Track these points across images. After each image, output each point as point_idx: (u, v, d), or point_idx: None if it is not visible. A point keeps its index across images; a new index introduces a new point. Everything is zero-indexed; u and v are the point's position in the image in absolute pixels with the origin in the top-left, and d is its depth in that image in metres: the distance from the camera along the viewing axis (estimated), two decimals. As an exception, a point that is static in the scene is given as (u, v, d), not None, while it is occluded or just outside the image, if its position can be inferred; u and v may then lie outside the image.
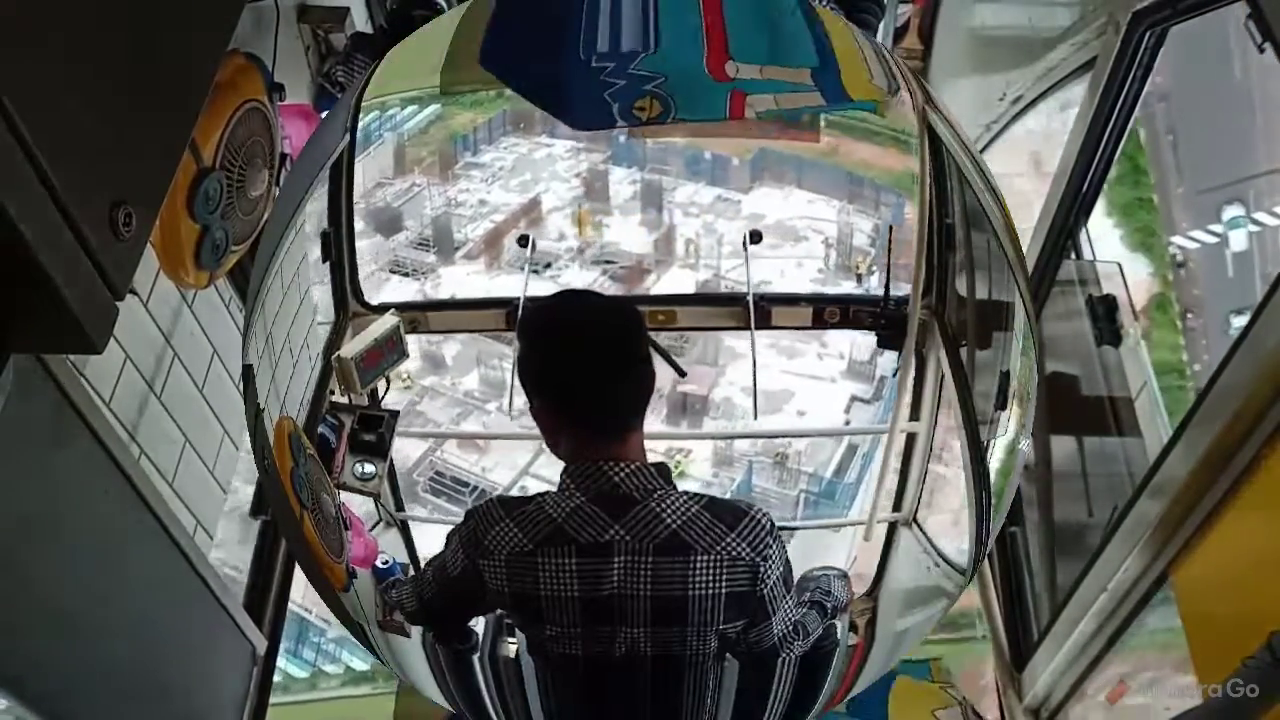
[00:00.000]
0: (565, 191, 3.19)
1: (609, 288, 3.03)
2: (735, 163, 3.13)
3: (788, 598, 1.61)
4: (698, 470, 2.90)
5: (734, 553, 1.49)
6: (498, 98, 2.79)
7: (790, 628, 1.66)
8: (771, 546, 1.51)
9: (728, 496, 2.53)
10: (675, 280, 3.02)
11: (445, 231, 3.13)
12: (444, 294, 3.07)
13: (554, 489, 1.52)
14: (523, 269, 2.81)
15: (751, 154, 3.12)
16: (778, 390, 2.95)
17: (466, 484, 2.87)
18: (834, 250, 2.50)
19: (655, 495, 1.48)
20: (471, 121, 3.07)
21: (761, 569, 1.51)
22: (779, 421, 2.95)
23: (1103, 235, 6.43)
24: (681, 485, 1.53)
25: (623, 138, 3.10)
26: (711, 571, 1.48)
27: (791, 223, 3.08)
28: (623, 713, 1.67)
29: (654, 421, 2.97)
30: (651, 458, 1.53)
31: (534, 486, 2.66)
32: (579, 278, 3.03)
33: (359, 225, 2.57)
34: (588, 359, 1.49)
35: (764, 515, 1.52)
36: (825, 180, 2.96)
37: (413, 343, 2.58)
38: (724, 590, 1.50)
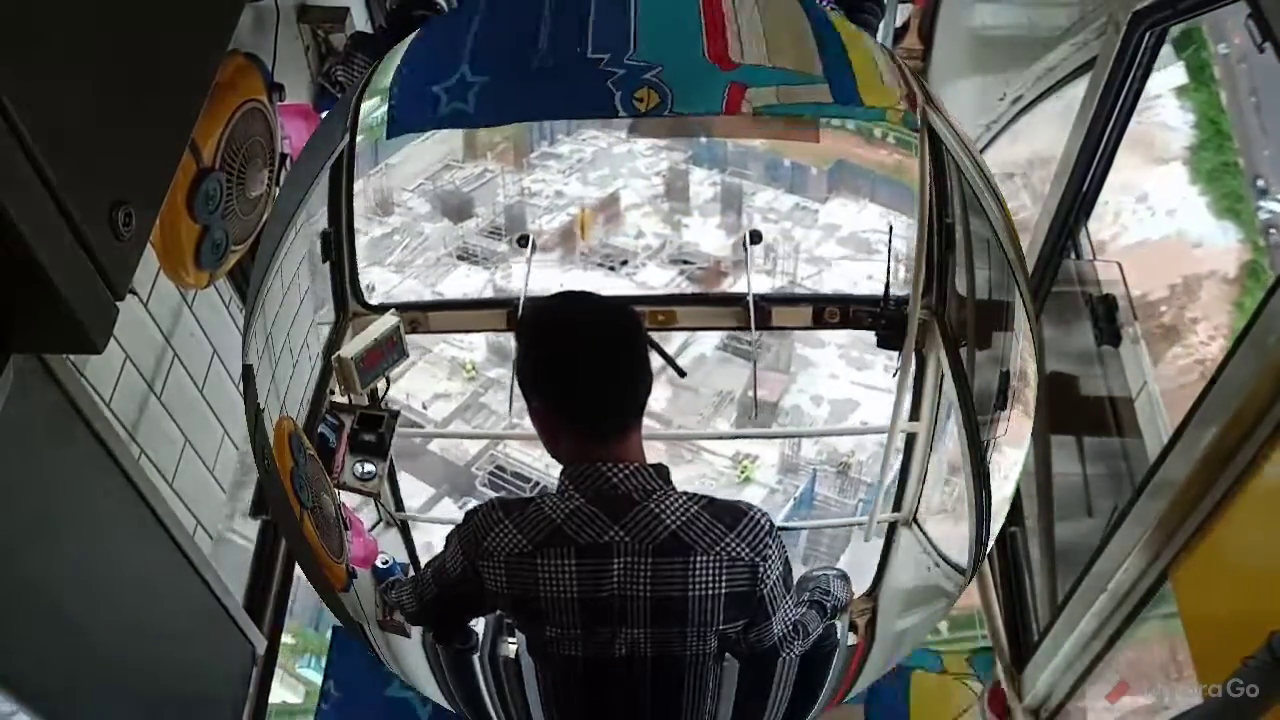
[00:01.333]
0: (645, 189, 3.18)
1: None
2: (814, 172, 3.13)
3: (787, 598, 1.61)
4: (763, 476, 2.90)
5: (733, 553, 1.48)
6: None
7: (790, 628, 1.66)
8: (771, 547, 1.51)
9: (795, 507, 2.55)
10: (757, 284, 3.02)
11: (519, 221, 3.07)
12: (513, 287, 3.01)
13: (553, 491, 1.52)
14: (604, 267, 2.76)
15: (830, 165, 3.11)
16: (843, 399, 2.99)
17: (528, 479, 2.86)
18: (904, 265, 2.51)
19: (654, 496, 1.48)
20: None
21: (761, 569, 1.50)
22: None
23: (1187, 203, 6.20)
24: (747, 491, 1.54)
25: (704, 138, 3.08)
26: (711, 572, 1.48)
27: (864, 235, 3.10)
28: (623, 714, 1.67)
29: (721, 424, 2.98)
30: (652, 457, 1.53)
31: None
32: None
33: (421, 208, 2.52)
34: (587, 359, 1.48)
35: (763, 515, 1.52)
36: (897, 195, 2.95)
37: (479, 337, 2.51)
38: (724, 591, 1.50)
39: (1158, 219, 6.42)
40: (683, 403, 2.94)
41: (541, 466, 2.87)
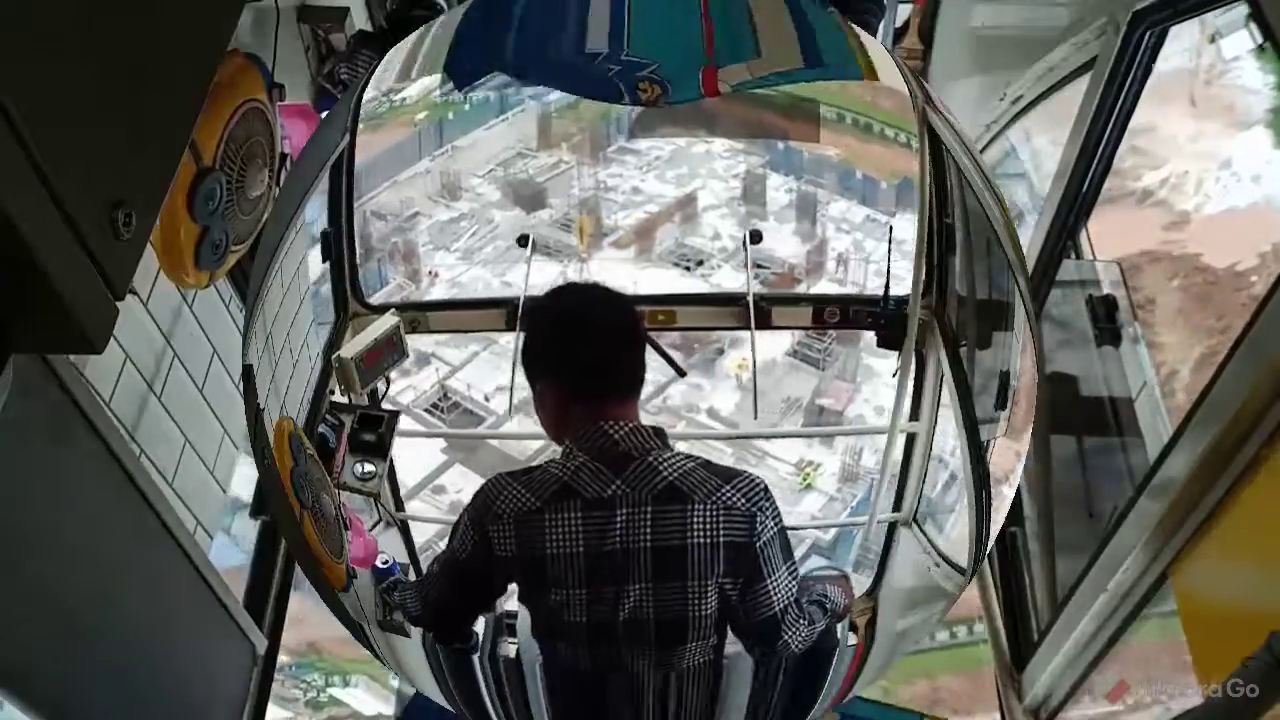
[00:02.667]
0: (722, 190, 3.19)
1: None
2: (884, 186, 3.15)
3: (785, 568, 1.62)
4: (824, 484, 2.90)
5: (730, 501, 1.54)
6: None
7: (792, 603, 1.66)
8: (767, 502, 1.57)
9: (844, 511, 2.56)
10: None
11: (593, 216, 3.07)
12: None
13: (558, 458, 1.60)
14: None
15: (899, 179, 3.11)
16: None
17: None
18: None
19: (652, 453, 1.55)
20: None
21: (758, 520, 1.55)
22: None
23: (1272, 168, 5.90)
24: (808, 498, 1.57)
25: (782, 144, 3.09)
26: (709, 518, 1.54)
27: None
28: (627, 703, 1.67)
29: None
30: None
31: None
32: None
33: (491, 194, 2.51)
34: (595, 330, 1.62)
35: (759, 477, 1.59)
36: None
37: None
38: (721, 539, 1.54)
39: (1243, 186, 6.18)
40: (750, 408, 2.95)
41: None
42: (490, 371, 2.98)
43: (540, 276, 2.83)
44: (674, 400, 2.89)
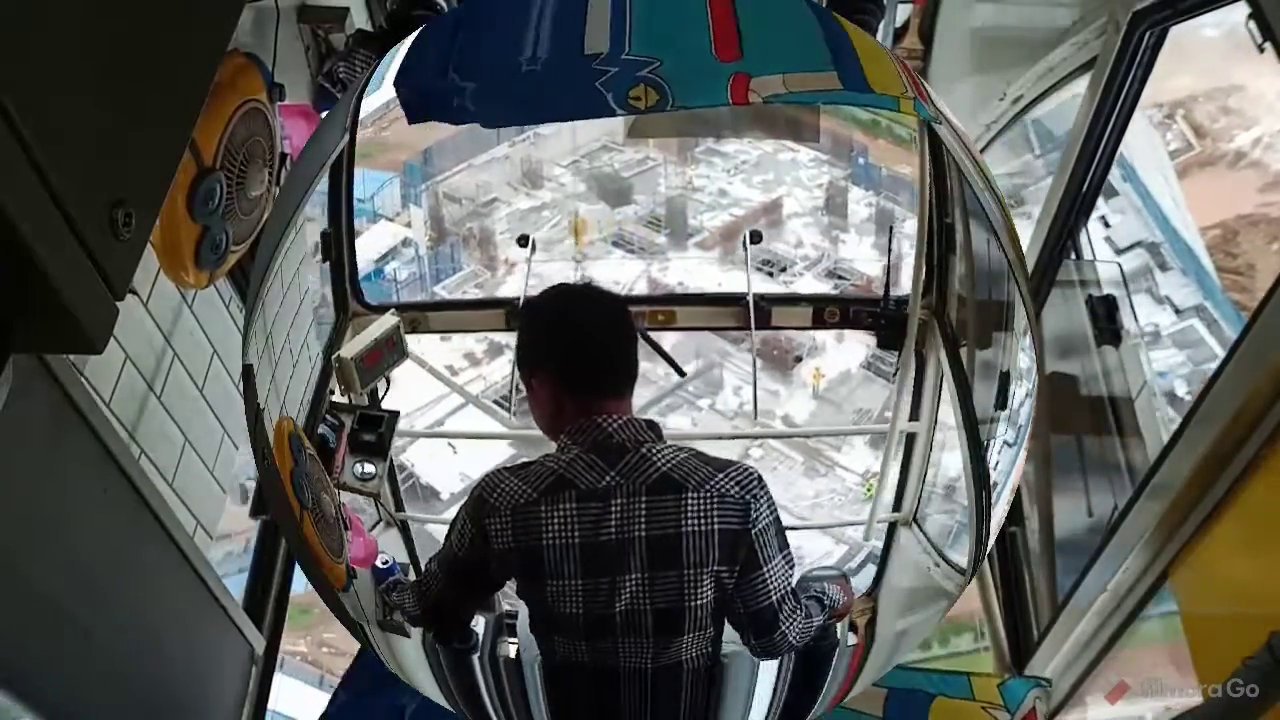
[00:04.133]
0: (806, 199, 3.20)
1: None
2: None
3: (780, 557, 1.62)
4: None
5: (723, 489, 1.55)
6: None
7: (789, 593, 1.66)
8: (761, 491, 1.58)
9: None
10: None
11: (679, 215, 3.05)
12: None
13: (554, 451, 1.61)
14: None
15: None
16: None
17: None
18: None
19: (645, 444, 1.57)
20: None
21: (752, 508, 1.56)
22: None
23: None
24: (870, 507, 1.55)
25: (862, 159, 3.08)
26: (703, 507, 1.54)
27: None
28: (625, 701, 1.67)
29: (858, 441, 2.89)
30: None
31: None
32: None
33: (575, 185, 2.48)
34: (591, 325, 1.64)
35: (752, 467, 1.60)
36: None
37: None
38: (716, 526, 1.55)
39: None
40: (825, 418, 2.94)
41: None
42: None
43: (625, 273, 2.82)
44: (748, 406, 2.88)
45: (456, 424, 2.81)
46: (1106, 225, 4.91)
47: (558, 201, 3.09)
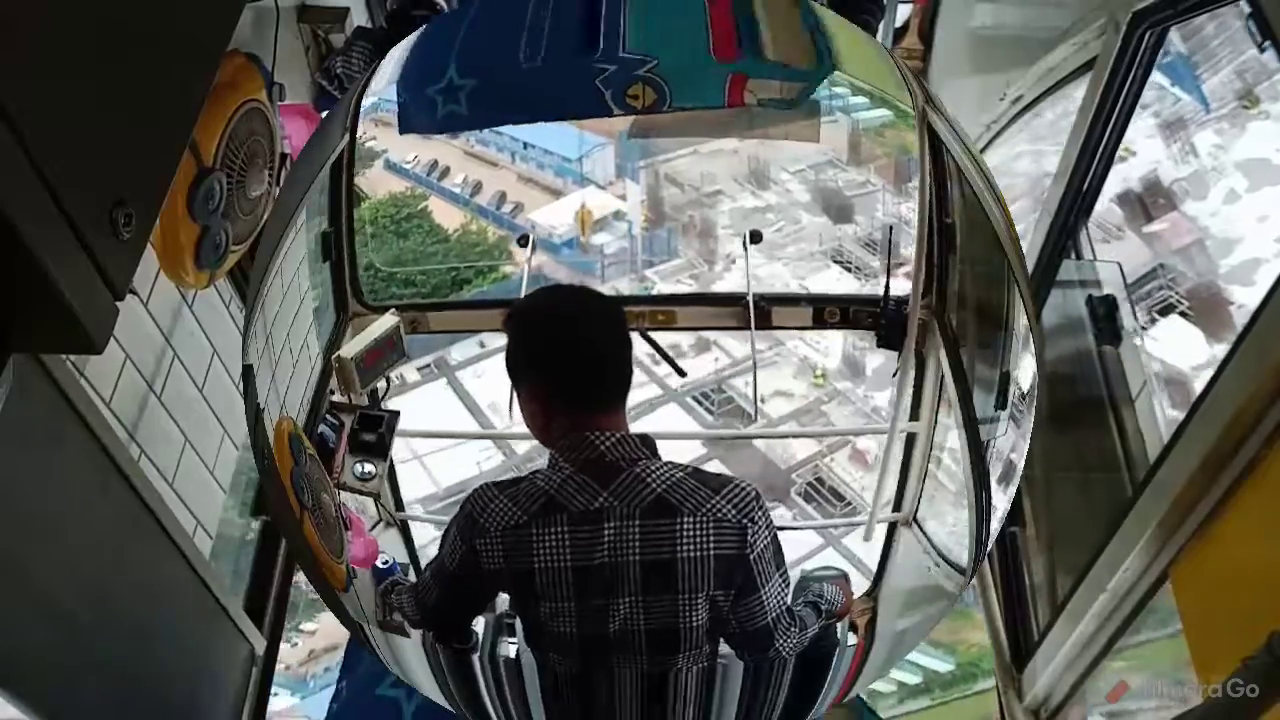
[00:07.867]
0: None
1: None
2: None
3: (777, 577, 1.60)
4: None
5: (720, 513, 1.50)
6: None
7: (784, 611, 1.65)
8: (758, 513, 1.52)
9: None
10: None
11: (893, 242, 3.05)
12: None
13: (545, 467, 1.55)
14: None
15: None
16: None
17: (842, 498, 2.78)
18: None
19: (640, 463, 1.51)
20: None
21: (750, 532, 1.51)
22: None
23: None
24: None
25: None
26: (699, 532, 1.50)
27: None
28: (622, 712, 1.67)
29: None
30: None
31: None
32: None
33: (800, 194, 2.42)
34: (581, 334, 1.54)
35: (750, 485, 1.54)
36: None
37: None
38: (712, 552, 1.51)
39: None
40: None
41: (858, 488, 2.79)
42: (769, 375, 2.89)
43: (839, 288, 2.70)
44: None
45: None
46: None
47: (783, 208, 3.05)
